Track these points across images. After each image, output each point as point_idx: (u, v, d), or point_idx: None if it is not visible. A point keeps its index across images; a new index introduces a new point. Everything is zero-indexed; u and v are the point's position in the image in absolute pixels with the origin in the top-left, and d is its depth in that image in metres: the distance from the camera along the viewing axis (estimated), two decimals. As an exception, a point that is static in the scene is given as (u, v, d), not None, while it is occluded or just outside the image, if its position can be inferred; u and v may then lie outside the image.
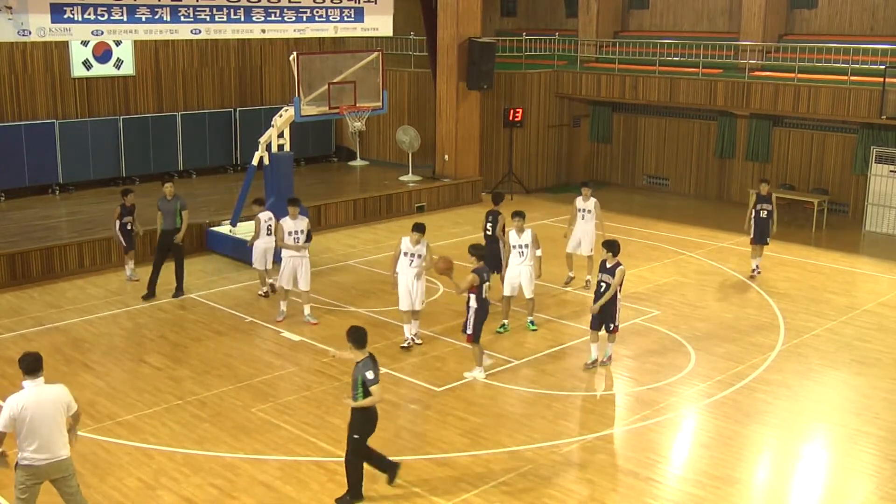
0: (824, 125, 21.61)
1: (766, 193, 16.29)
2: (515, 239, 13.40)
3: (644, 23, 25.59)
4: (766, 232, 16.37)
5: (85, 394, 11.35)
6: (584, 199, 15.77)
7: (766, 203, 16.26)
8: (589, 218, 15.71)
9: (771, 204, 16.28)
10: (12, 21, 14.00)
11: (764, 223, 16.30)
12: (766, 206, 16.27)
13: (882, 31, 21.21)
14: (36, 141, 20.60)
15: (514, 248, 13.41)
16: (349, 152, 26.59)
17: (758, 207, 16.32)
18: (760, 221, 16.30)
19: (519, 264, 13.40)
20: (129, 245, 15.87)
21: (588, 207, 15.70)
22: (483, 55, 22.26)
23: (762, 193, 16.31)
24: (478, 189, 23.28)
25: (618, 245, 12.09)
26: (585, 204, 15.73)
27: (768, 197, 16.29)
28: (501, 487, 9.23)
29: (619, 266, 11.99)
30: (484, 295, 11.66)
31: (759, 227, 16.34)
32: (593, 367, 12.31)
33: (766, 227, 16.31)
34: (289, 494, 9.07)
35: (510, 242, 13.48)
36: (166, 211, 15.08)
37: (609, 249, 12.03)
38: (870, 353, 13.05)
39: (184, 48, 23.32)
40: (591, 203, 15.68)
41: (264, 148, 16.99)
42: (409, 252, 12.68)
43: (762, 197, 16.31)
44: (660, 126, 24.67)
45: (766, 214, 16.29)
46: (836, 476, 9.78)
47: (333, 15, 17.84)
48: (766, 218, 16.28)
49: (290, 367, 12.31)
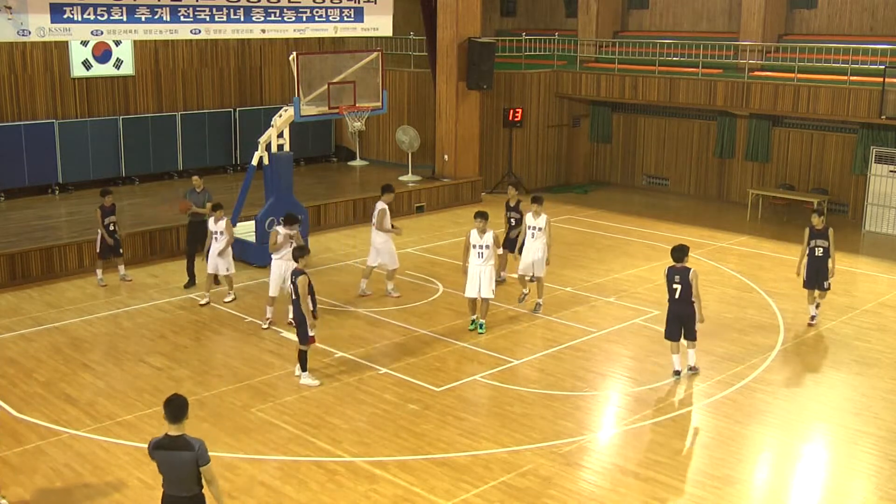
0: (824, 125, 21.61)
1: (822, 228, 13.64)
2: (532, 221, 14.34)
3: (644, 23, 25.60)
4: (823, 274, 13.71)
5: (85, 394, 11.36)
6: (534, 216, 14.28)
7: (822, 239, 13.63)
8: (539, 235, 14.21)
9: (827, 240, 13.61)
10: (12, 21, 14.00)
11: (819, 263, 13.67)
12: (822, 243, 13.63)
13: (882, 31, 21.21)
14: (35, 141, 20.60)
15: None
16: (349, 152, 26.59)
17: (812, 245, 13.68)
18: (815, 261, 13.68)
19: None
20: (116, 246, 15.69)
21: (539, 225, 14.27)
22: (483, 55, 22.27)
23: (816, 227, 13.66)
24: (477, 189, 23.28)
25: (687, 249, 11.80)
26: (536, 221, 14.30)
27: (824, 232, 13.62)
28: (501, 487, 9.22)
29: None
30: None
31: (814, 268, 13.71)
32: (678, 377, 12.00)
33: (821, 267, 13.66)
34: (288, 494, 9.07)
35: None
36: (196, 203, 15.55)
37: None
38: (870, 353, 13.05)
39: (183, 48, 23.32)
40: (542, 220, 14.27)
41: (264, 148, 16.98)
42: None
43: (816, 232, 13.66)
44: (659, 126, 24.67)
45: (821, 252, 13.64)
46: (836, 476, 9.78)
47: (333, 15, 17.85)
48: (823, 257, 13.65)
49: (289, 366, 12.30)
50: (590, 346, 13.15)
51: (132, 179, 22.29)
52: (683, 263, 11.71)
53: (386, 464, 9.69)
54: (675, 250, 11.81)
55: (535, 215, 14.32)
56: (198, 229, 15.48)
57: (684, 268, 11.70)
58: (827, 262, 13.61)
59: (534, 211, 14.34)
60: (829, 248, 13.59)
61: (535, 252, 14.29)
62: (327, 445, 10.08)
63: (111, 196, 15.66)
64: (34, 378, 11.86)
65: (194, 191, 15.69)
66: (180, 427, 6.93)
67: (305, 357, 11.75)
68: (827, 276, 13.70)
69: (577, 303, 15.13)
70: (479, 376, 12.06)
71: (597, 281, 16.33)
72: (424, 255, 17.93)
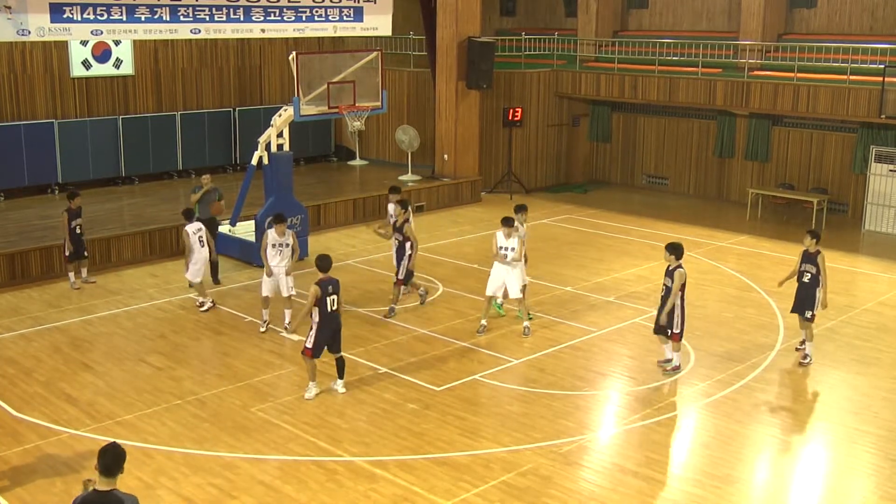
0: (824, 124, 21.61)
1: (814, 252, 12.42)
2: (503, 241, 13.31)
3: (643, 22, 25.59)
4: (806, 302, 12.45)
5: (85, 393, 11.36)
6: (506, 237, 13.21)
7: (810, 264, 12.42)
8: (513, 257, 13.18)
9: (816, 266, 12.36)
10: (11, 21, 14.00)
11: (805, 290, 12.46)
12: (810, 268, 12.42)
13: (881, 31, 21.21)
14: (35, 141, 20.60)
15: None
16: (348, 152, 26.59)
17: (801, 268, 12.56)
18: (801, 287, 12.52)
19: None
20: (80, 249, 15.45)
21: (511, 245, 13.19)
22: (482, 55, 22.27)
23: (808, 251, 12.47)
24: (477, 188, 23.28)
25: (681, 248, 11.83)
26: (508, 242, 13.21)
27: (814, 257, 12.39)
28: (501, 487, 9.22)
29: (679, 269, 11.73)
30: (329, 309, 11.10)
31: (799, 295, 12.56)
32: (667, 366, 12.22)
33: (807, 295, 12.43)
34: (288, 494, 9.07)
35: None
36: (205, 201, 15.68)
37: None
38: (869, 352, 13.06)
39: (183, 48, 23.31)
40: (514, 241, 13.20)
41: (264, 147, 16.98)
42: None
43: (806, 255, 12.49)
44: (659, 125, 24.67)
45: (808, 279, 12.42)
46: (836, 475, 9.78)
47: (333, 14, 17.84)
48: (810, 283, 12.41)
49: (289, 366, 12.31)
50: (590, 346, 13.15)
51: (132, 179, 22.29)
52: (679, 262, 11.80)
53: (386, 463, 9.69)
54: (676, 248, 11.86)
55: (506, 235, 13.20)
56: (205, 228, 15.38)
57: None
58: (814, 290, 12.35)
59: (504, 232, 13.20)
60: (817, 276, 12.35)
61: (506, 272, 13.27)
62: (327, 445, 10.08)
63: (79, 198, 15.44)
64: (34, 378, 11.86)
65: (201, 188, 15.76)
66: (112, 482, 6.03)
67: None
68: (812, 306, 12.37)
69: (577, 302, 15.13)
70: (480, 376, 12.06)
71: (596, 280, 16.34)
72: (425, 255, 17.92)
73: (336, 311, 11.14)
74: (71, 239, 15.26)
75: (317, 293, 10.91)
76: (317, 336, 11.05)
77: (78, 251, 15.41)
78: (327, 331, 11.09)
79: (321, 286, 10.97)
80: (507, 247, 13.22)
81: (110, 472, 6.03)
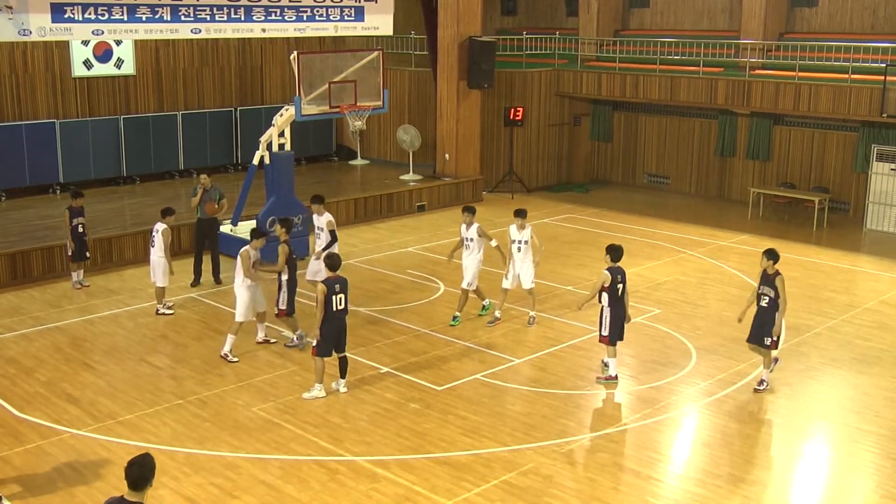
0: (825, 123, 21.60)
1: (772, 273, 11.32)
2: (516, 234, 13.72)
3: (645, 21, 25.59)
4: (765, 328, 11.37)
5: (86, 393, 11.37)
6: (518, 229, 13.63)
7: (768, 286, 11.33)
8: (525, 249, 13.64)
9: (774, 289, 11.26)
10: (13, 21, 14.02)
11: (763, 315, 11.41)
12: (768, 291, 11.33)
13: (883, 30, 21.20)
14: (36, 140, 20.61)
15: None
16: (350, 151, 26.60)
17: (759, 291, 11.50)
18: (759, 313, 11.48)
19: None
20: (83, 249, 15.42)
21: (524, 238, 13.65)
22: (483, 54, 22.26)
23: (766, 272, 11.39)
24: (479, 188, 23.28)
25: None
26: (521, 234, 13.65)
27: (772, 279, 11.29)
28: (503, 486, 9.23)
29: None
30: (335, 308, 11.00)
31: (757, 321, 11.52)
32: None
33: (765, 320, 11.38)
34: (290, 494, 9.07)
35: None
36: (205, 201, 15.61)
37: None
38: (871, 351, 13.05)
39: (184, 48, 23.32)
40: (526, 233, 13.65)
41: (265, 147, 16.99)
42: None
43: (764, 277, 11.43)
44: (660, 125, 24.67)
45: (766, 303, 11.34)
46: (838, 474, 9.78)
47: (334, 14, 17.86)
48: (768, 308, 11.34)
49: (290, 366, 12.31)
50: (591, 345, 13.13)
51: (133, 179, 22.29)
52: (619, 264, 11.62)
53: (387, 463, 9.69)
54: (613, 250, 11.61)
55: (519, 228, 13.61)
56: (206, 228, 15.49)
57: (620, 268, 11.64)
58: (772, 315, 11.28)
59: (518, 224, 13.60)
60: (776, 300, 11.26)
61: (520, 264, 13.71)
62: (329, 444, 10.08)
63: (82, 198, 15.41)
64: (35, 377, 11.87)
65: (199, 189, 15.64)
66: (139, 495, 5.88)
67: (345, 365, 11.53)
68: (771, 332, 11.34)
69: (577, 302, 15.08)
70: (481, 375, 12.06)
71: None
72: (425, 255, 17.94)
73: (343, 310, 11.12)
74: (73, 237, 15.26)
75: (324, 291, 10.92)
76: (322, 334, 11.06)
77: (80, 251, 15.41)
78: (333, 329, 11.10)
79: (328, 284, 10.96)
80: (521, 240, 13.60)
81: (136, 487, 5.88)
